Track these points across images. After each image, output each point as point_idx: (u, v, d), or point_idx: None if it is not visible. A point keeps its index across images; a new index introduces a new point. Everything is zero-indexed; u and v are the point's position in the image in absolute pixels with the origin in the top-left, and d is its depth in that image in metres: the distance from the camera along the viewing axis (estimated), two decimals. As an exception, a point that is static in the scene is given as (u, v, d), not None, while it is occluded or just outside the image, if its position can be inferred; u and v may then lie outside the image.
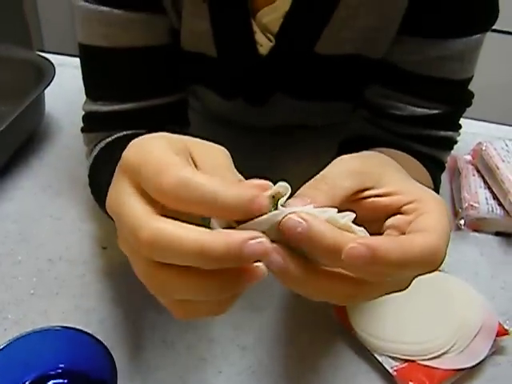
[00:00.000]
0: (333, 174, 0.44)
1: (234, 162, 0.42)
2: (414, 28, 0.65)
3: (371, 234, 0.41)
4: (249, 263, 0.36)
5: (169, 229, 0.36)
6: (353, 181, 0.44)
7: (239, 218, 0.38)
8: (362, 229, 0.41)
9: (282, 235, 0.39)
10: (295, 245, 0.39)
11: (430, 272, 0.42)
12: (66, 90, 0.95)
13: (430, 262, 0.40)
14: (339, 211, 0.41)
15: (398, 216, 0.44)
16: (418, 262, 0.40)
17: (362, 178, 0.45)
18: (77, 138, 0.89)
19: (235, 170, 0.41)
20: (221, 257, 0.35)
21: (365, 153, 0.49)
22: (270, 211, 0.38)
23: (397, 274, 0.40)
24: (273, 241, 0.38)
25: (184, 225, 0.36)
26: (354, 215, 0.40)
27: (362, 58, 0.69)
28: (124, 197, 0.38)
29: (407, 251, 0.39)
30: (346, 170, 0.44)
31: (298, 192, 0.43)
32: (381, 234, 0.44)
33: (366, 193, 0.45)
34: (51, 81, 0.86)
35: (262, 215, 0.38)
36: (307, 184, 0.43)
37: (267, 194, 0.38)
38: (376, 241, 0.38)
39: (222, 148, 0.42)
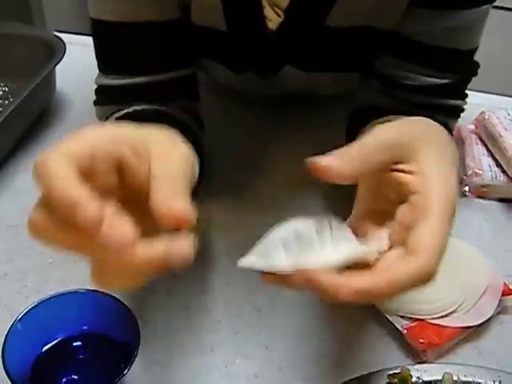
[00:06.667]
0: (369, 145, 0.47)
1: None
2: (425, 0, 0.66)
3: (391, 204, 0.47)
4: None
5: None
6: (386, 155, 0.47)
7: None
8: None
9: None
10: None
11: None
12: (75, 67, 0.96)
13: (421, 283, 0.44)
14: None
15: (404, 210, 0.47)
16: (408, 287, 0.43)
17: (396, 151, 0.47)
18: (86, 113, 0.90)
19: (187, 179, 0.43)
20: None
21: (405, 120, 0.50)
22: None
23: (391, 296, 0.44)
24: None
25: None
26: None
27: (372, 30, 0.70)
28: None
29: (394, 285, 0.43)
30: (382, 143, 0.47)
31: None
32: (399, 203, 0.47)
33: (395, 166, 0.47)
34: (62, 58, 0.88)
35: None
36: (345, 148, 0.46)
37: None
38: (365, 284, 0.42)
39: (185, 152, 0.44)
